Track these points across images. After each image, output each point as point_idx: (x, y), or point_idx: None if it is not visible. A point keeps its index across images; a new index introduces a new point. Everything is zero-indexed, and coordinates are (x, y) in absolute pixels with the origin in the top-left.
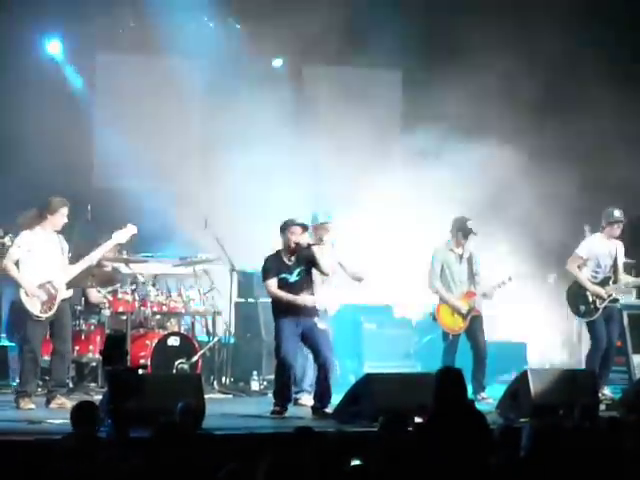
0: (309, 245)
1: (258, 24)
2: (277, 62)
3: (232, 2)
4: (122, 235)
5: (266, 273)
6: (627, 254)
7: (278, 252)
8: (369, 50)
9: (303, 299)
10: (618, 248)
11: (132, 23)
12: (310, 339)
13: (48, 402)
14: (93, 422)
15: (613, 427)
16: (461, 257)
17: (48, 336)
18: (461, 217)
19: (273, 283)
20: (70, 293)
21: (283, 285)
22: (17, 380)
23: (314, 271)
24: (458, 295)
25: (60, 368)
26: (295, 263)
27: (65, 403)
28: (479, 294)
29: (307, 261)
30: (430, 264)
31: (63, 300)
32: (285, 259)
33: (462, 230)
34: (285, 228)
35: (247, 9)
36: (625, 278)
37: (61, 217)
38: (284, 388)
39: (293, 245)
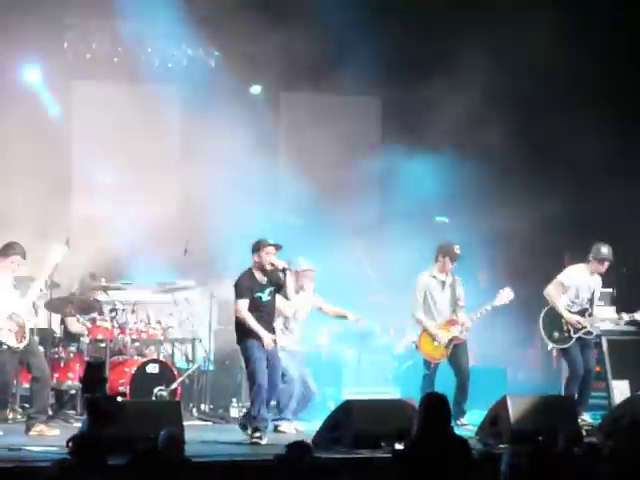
0: (284, 269)
1: (236, 51)
2: (255, 89)
3: (211, 29)
4: (56, 254)
5: (241, 292)
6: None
7: (251, 270)
8: (347, 76)
9: (267, 338)
10: (597, 284)
11: (110, 50)
12: (270, 365)
13: (28, 429)
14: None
15: (592, 453)
16: (444, 283)
17: (25, 366)
18: (447, 243)
19: (245, 304)
20: (36, 322)
21: (257, 304)
22: None
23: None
24: (440, 323)
25: (41, 396)
26: (267, 283)
27: (44, 430)
28: (460, 323)
29: (277, 283)
30: (413, 293)
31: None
32: (258, 278)
33: (449, 255)
34: (259, 248)
35: (226, 36)
36: (600, 313)
37: (10, 264)
38: (262, 411)
39: (269, 266)
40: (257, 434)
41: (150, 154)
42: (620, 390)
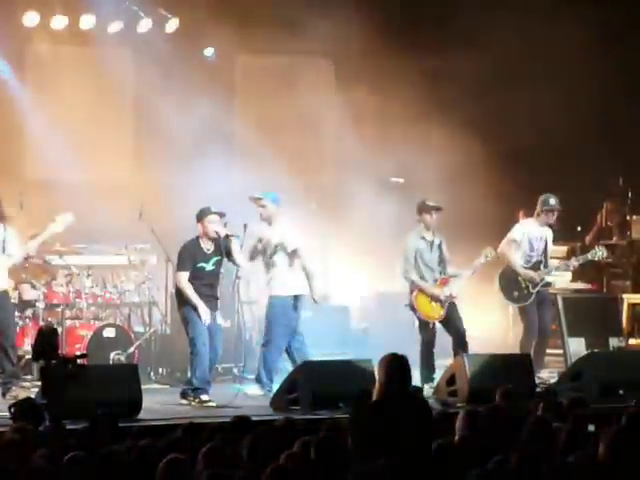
0: (227, 236)
1: (190, 13)
2: (208, 51)
3: None
4: (59, 223)
5: (182, 262)
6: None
7: (197, 239)
8: (301, 37)
9: (204, 313)
10: (548, 235)
11: (62, 13)
12: (211, 333)
13: (3, 395)
14: (34, 418)
15: (548, 411)
16: (432, 244)
17: None
18: (420, 200)
19: (185, 277)
20: (11, 284)
21: (200, 273)
22: None
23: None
24: (432, 283)
25: (7, 360)
26: (213, 252)
27: (20, 394)
28: (464, 275)
29: (225, 251)
30: (404, 253)
31: (3, 292)
32: (204, 247)
33: (425, 210)
34: (203, 216)
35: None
36: (552, 262)
37: None
38: (206, 375)
39: (213, 234)
40: (205, 397)
41: (105, 119)
42: (576, 348)
